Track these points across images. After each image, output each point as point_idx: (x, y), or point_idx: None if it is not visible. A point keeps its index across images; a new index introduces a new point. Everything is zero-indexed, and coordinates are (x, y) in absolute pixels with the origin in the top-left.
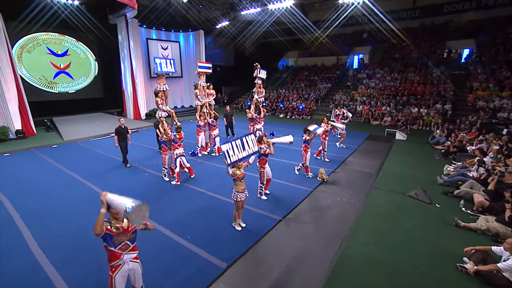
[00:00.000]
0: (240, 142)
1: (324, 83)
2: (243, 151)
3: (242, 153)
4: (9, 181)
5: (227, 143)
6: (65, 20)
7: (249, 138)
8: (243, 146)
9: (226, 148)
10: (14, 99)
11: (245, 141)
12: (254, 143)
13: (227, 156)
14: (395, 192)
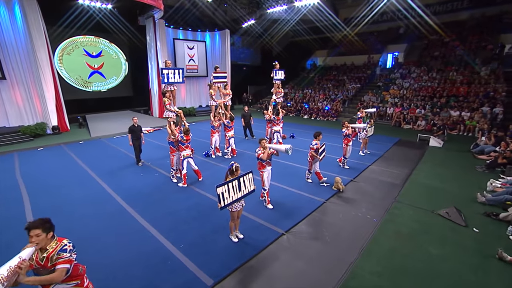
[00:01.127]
0: (237, 183)
1: (353, 83)
2: (238, 192)
3: (238, 194)
4: (33, 175)
5: (223, 185)
6: (99, 23)
7: (247, 177)
8: (239, 187)
9: (222, 190)
10: (52, 98)
11: (242, 181)
12: (251, 182)
13: (221, 199)
14: (422, 209)
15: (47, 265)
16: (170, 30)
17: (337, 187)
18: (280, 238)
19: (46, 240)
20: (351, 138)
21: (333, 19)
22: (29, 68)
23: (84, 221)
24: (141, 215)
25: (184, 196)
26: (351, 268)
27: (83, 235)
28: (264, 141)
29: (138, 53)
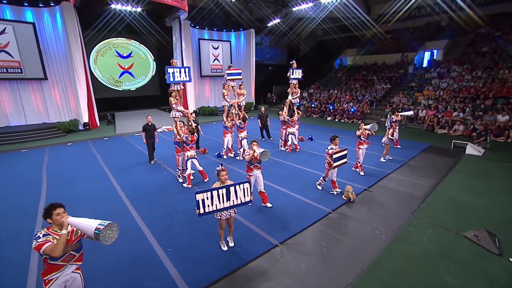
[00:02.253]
0: (226, 191)
1: (382, 83)
2: (226, 201)
3: (224, 204)
4: (56, 169)
5: (206, 192)
6: (129, 25)
7: (240, 187)
8: (228, 196)
9: (202, 197)
10: (84, 96)
11: (233, 190)
12: (247, 192)
13: (200, 206)
14: (444, 228)
15: (72, 238)
16: (196, 30)
17: (347, 196)
18: (273, 250)
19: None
20: (362, 141)
21: (362, 16)
22: (66, 69)
23: (86, 215)
24: (140, 214)
25: (186, 197)
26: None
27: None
28: (254, 143)
29: (165, 54)
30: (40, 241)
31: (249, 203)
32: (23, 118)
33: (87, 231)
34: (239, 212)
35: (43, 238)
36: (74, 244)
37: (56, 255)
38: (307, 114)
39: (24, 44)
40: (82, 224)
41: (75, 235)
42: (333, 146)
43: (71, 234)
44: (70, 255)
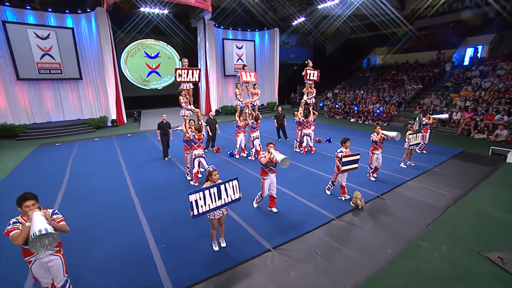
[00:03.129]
0: (217, 190)
1: (413, 83)
2: (218, 200)
3: (216, 203)
4: (79, 162)
5: (198, 193)
6: (157, 26)
7: (229, 185)
8: (219, 195)
9: (195, 198)
10: (112, 95)
11: (224, 188)
12: (235, 190)
13: (194, 207)
14: (462, 246)
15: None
16: (220, 30)
17: (355, 203)
18: (265, 254)
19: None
20: (378, 146)
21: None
22: (98, 70)
23: (95, 209)
24: (143, 210)
25: None
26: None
27: (87, 221)
28: (271, 145)
29: (190, 53)
30: (8, 228)
31: (238, 200)
32: (61, 114)
33: (32, 229)
34: (238, 213)
35: (12, 226)
36: None
37: (16, 243)
38: (330, 115)
39: (64, 47)
40: (34, 222)
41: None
42: (343, 150)
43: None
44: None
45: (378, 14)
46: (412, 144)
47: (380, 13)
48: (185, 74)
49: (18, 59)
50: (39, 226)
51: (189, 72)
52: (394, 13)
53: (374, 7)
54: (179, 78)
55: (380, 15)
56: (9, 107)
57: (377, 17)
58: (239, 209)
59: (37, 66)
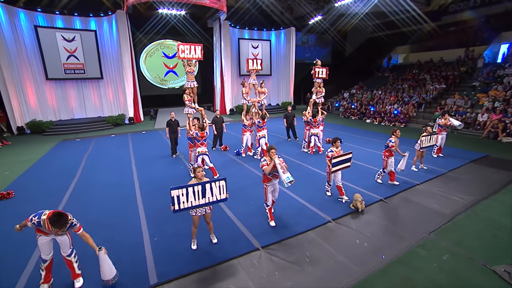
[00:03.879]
0: (201, 188)
1: (436, 83)
2: (201, 198)
3: (200, 200)
4: (93, 157)
5: (181, 189)
6: (174, 27)
7: (215, 184)
8: (203, 193)
9: (177, 193)
10: (130, 93)
11: (209, 187)
12: (222, 190)
13: (175, 202)
14: (467, 257)
15: (59, 232)
16: (236, 30)
17: (355, 205)
18: (253, 253)
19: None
20: (393, 152)
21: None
22: (117, 69)
23: (99, 199)
24: (144, 204)
25: None
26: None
27: (91, 210)
28: (273, 151)
29: (207, 53)
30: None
31: (225, 200)
32: (84, 112)
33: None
34: (234, 211)
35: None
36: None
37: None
38: (345, 116)
39: (87, 48)
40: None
41: (63, 231)
42: (333, 149)
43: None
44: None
45: (398, 12)
46: (424, 147)
47: (401, 10)
48: (188, 50)
49: (47, 61)
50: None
51: (192, 48)
52: (415, 10)
53: (395, 5)
54: (182, 54)
55: (401, 12)
56: (39, 105)
57: (397, 14)
58: (235, 208)
59: (63, 66)
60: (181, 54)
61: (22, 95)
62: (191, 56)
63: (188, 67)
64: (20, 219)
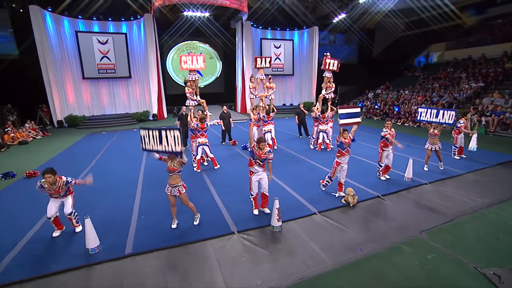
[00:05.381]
0: (158, 134)
1: (472, 81)
2: (159, 144)
3: (158, 146)
4: (112, 149)
5: (146, 130)
6: (199, 29)
7: (170, 133)
8: (160, 139)
9: (143, 133)
10: (155, 92)
11: (164, 135)
12: (177, 141)
13: (142, 141)
14: (457, 258)
15: (59, 190)
16: (259, 30)
17: (347, 200)
18: (227, 236)
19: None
20: (389, 142)
21: (452, 3)
22: (144, 69)
23: (106, 182)
24: (142, 188)
25: (189, 179)
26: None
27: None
28: (263, 144)
29: (230, 54)
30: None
31: (179, 154)
32: (114, 108)
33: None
34: (222, 197)
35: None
36: (60, 193)
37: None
38: (367, 116)
39: (118, 50)
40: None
41: (61, 188)
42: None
43: (58, 188)
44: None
45: (434, 7)
46: (424, 120)
47: (437, 5)
48: (190, 61)
49: (84, 62)
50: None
51: (193, 59)
52: (456, 3)
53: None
54: (184, 65)
55: (437, 7)
56: (76, 101)
57: (433, 10)
58: (224, 195)
59: (97, 67)
60: (183, 65)
61: (63, 93)
62: (193, 67)
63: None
64: (46, 195)
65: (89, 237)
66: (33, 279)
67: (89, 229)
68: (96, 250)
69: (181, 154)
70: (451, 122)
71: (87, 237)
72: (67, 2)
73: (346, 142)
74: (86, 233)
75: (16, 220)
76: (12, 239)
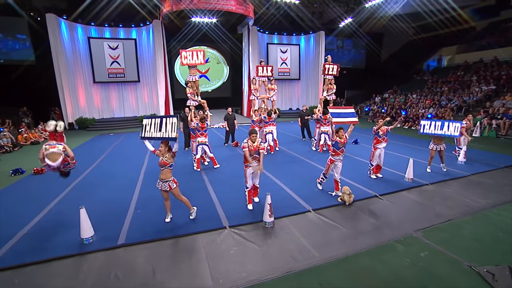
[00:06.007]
0: (159, 121)
1: (483, 84)
2: (158, 131)
3: (157, 133)
4: (117, 149)
5: (149, 119)
6: (206, 34)
7: (169, 120)
8: (160, 127)
9: (146, 122)
10: (162, 95)
11: (165, 122)
12: (173, 128)
13: (143, 130)
14: (451, 257)
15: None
16: (266, 35)
17: (342, 198)
18: (218, 230)
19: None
20: (381, 139)
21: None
22: (152, 73)
23: (107, 178)
24: (142, 185)
25: (188, 178)
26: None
27: (101, 180)
28: (254, 135)
29: (237, 59)
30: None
31: (174, 139)
32: (123, 111)
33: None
34: (218, 195)
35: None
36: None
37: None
38: (373, 120)
39: (128, 55)
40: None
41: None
42: (337, 139)
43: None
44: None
45: (442, 11)
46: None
47: (448, 8)
48: (190, 56)
49: (95, 66)
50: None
51: (194, 54)
52: (468, 6)
53: (442, 3)
54: (185, 60)
55: (445, 12)
56: (87, 104)
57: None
58: (221, 193)
59: (108, 71)
60: (184, 61)
61: (75, 96)
62: (193, 62)
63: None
64: (47, 187)
65: (84, 227)
66: (26, 265)
67: (83, 219)
68: (90, 240)
69: (175, 140)
70: (457, 134)
71: (81, 227)
72: (80, 9)
73: (341, 142)
74: (80, 223)
75: (19, 212)
76: (13, 230)
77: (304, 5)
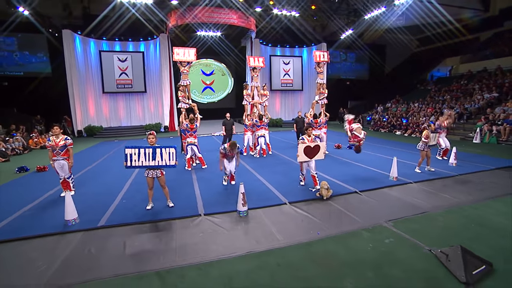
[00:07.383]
0: (152, 151)
1: (485, 92)
2: (151, 160)
3: (150, 162)
4: (118, 153)
5: (134, 149)
6: (211, 47)
7: (165, 150)
8: (153, 156)
9: (130, 152)
10: (167, 105)
11: (159, 152)
12: (172, 157)
13: (128, 159)
14: (415, 243)
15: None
16: (269, 48)
17: (320, 193)
18: (193, 218)
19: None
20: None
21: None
22: (158, 84)
23: (103, 175)
24: (132, 180)
25: (178, 176)
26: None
27: (92, 177)
28: (234, 148)
29: (240, 71)
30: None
31: (173, 166)
32: (130, 120)
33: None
34: (202, 189)
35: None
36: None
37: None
38: (375, 129)
39: (136, 67)
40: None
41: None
42: (305, 137)
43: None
44: (57, 152)
45: (445, 23)
46: (430, 145)
47: (451, 20)
48: (182, 53)
49: (105, 77)
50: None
51: (185, 52)
52: (472, 17)
53: (446, 15)
54: (177, 56)
55: (448, 23)
56: (96, 113)
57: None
58: (205, 188)
59: (116, 82)
60: (176, 57)
61: (85, 106)
62: (184, 59)
63: (182, 68)
64: (49, 184)
65: (68, 210)
66: (9, 241)
67: (68, 203)
68: (73, 223)
69: (175, 166)
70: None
71: (66, 210)
72: (93, 24)
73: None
74: (65, 206)
75: (17, 200)
76: (9, 211)
77: (304, 18)
